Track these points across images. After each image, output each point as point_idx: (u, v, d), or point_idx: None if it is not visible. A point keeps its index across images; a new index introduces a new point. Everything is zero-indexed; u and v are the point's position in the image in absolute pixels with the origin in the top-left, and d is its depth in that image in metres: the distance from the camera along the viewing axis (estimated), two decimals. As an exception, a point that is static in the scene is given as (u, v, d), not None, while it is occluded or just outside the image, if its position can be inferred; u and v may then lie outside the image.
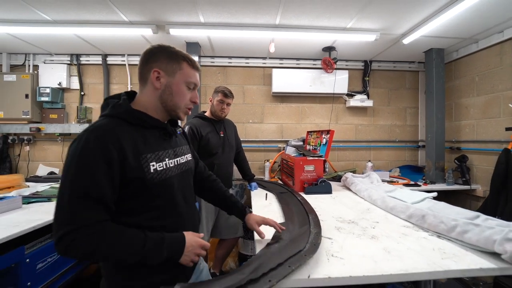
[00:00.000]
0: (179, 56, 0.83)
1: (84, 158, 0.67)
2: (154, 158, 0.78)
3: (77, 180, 0.65)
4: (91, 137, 0.69)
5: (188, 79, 0.84)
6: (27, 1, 1.81)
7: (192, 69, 0.86)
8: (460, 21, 2.08)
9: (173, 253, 0.75)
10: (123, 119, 0.76)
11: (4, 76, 2.70)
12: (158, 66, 0.81)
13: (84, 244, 0.64)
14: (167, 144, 0.87)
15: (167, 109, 0.84)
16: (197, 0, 1.83)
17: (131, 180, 0.72)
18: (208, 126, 1.91)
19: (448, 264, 0.89)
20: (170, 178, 0.82)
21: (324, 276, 0.81)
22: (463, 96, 2.74)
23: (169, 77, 0.82)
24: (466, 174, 2.52)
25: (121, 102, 0.79)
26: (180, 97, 0.84)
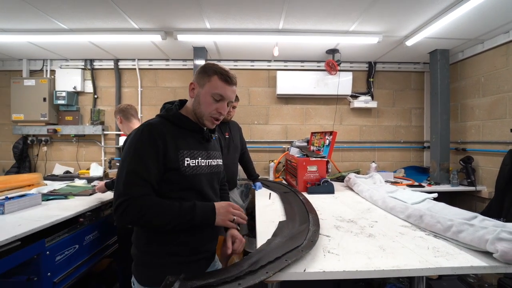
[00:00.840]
0: (211, 69, 0.93)
1: (137, 145, 0.85)
2: (189, 155, 0.92)
3: (132, 162, 0.83)
4: (144, 130, 0.87)
5: (213, 90, 0.92)
6: (46, 12, 1.95)
7: (222, 82, 0.93)
8: (465, 22, 2.08)
9: (206, 214, 0.87)
10: (170, 120, 0.93)
11: (24, 81, 2.87)
12: (195, 80, 0.96)
13: (134, 211, 0.79)
14: (203, 146, 1.00)
15: (197, 116, 0.96)
16: (203, 8, 1.91)
17: (169, 168, 0.87)
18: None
19: (440, 262, 0.93)
20: (200, 174, 0.95)
21: (319, 270, 0.87)
22: (469, 97, 2.72)
23: (199, 88, 0.94)
24: (472, 175, 2.51)
25: (173, 107, 0.98)
26: (205, 106, 0.93)
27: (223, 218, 0.90)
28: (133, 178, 0.82)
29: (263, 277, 0.74)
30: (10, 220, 1.46)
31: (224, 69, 0.94)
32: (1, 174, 3.02)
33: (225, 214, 0.91)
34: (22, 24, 2.13)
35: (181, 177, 0.89)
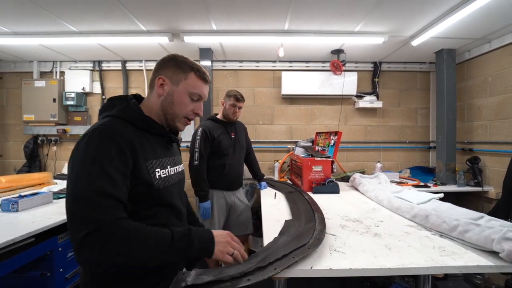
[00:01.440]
0: (187, 65, 0.82)
1: (98, 155, 0.65)
2: (159, 165, 0.79)
3: (94, 179, 0.62)
4: (104, 135, 0.68)
5: (192, 89, 0.82)
6: (58, 15, 2.00)
7: (200, 80, 0.84)
8: (472, 22, 2.07)
9: (204, 243, 0.72)
10: (131, 122, 0.76)
11: (35, 82, 2.94)
12: (165, 74, 0.81)
13: (110, 244, 0.59)
14: (169, 152, 0.87)
15: (166, 117, 0.83)
16: (209, 10, 1.94)
17: (139, 183, 0.71)
18: (220, 128, 2.01)
19: (446, 261, 0.94)
20: (171, 186, 0.83)
21: (325, 267, 0.89)
22: (476, 97, 2.70)
23: (172, 85, 0.81)
24: (478, 175, 2.49)
25: (132, 106, 0.79)
26: (180, 106, 0.82)
27: (222, 249, 0.75)
28: (101, 199, 0.61)
29: (272, 273, 0.76)
30: (23, 217, 1.51)
31: (200, 66, 0.85)
32: (13, 173, 3.10)
33: (224, 245, 0.75)
34: (35, 27, 2.19)
35: (154, 192, 0.75)
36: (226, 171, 1.99)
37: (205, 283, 0.68)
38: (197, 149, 1.90)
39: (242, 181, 2.21)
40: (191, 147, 1.96)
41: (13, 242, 1.19)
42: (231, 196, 2.05)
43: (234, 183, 2.08)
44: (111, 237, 0.60)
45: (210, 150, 1.95)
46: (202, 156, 1.90)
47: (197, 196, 1.92)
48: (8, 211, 1.59)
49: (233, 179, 2.07)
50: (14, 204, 1.60)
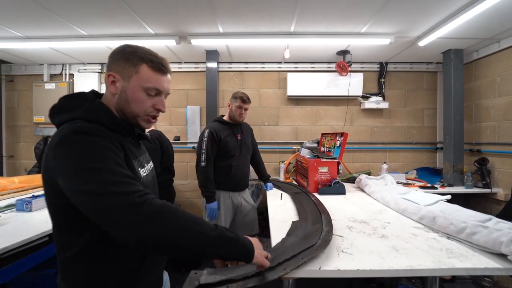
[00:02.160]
0: (136, 57, 0.71)
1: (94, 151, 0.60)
2: (139, 164, 0.76)
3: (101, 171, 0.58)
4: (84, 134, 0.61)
5: (145, 84, 0.72)
6: (69, 20, 2.06)
7: (154, 72, 0.72)
8: (480, 22, 2.05)
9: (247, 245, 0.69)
10: (104, 125, 0.68)
11: (45, 85, 3.01)
12: (115, 69, 0.72)
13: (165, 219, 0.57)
14: (141, 150, 0.85)
15: (126, 116, 0.75)
16: (216, 13, 1.97)
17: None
18: (226, 129, 2.03)
19: (453, 263, 0.94)
20: (149, 183, 0.81)
21: (333, 268, 0.90)
22: (484, 97, 2.67)
23: (124, 82, 0.71)
24: (487, 177, 2.46)
25: (99, 107, 0.71)
26: (137, 104, 0.73)
27: (261, 252, 0.73)
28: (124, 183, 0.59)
29: (281, 273, 0.78)
30: (37, 217, 1.55)
31: (153, 54, 0.74)
32: (24, 173, 3.18)
33: (261, 249, 0.74)
34: (46, 31, 2.25)
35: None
36: (232, 172, 2.01)
37: (217, 282, 0.70)
38: (204, 150, 1.93)
39: (248, 182, 2.23)
40: (198, 148, 1.99)
41: (29, 241, 1.23)
42: (237, 197, 2.07)
43: (240, 184, 2.10)
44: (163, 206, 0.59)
45: (217, 151, 1.97)
46: (208, 158, 1.93)
47: (204, 197, 1.94)
48: (22, 210, 1.64)
49: (240, 180, 2.09)
50: (28, 204, 1.65)
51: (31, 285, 1.45)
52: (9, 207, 1.70)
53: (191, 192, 3.16)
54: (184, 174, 3.15)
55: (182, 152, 3.13)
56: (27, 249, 1.25)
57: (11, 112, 3.23)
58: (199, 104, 3.15)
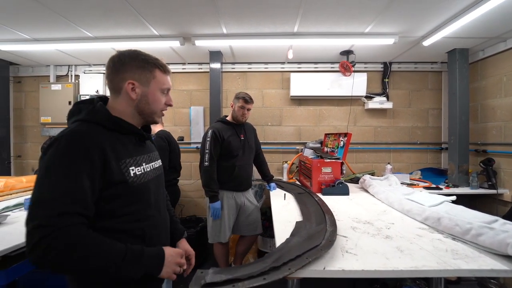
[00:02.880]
0: (150, 64, 0.83)
1: (64, 161, 0.65)
2: (133, 163, 0.80)
3: (56, 182, 0.63)
4: (71, 141, 0.68)
5: (162, 86, 0.86)
6: (75, 22, 2.09)
7: (164, 74, 0.86)
8: (486, 21, 2.03)
9: (152, 267, 0.73)
10: (100, 124, 0.76)
11: (52, 86, 3.06)
12: (132, 77, 0.80)
13: (62, 248, 0.59)
14: (143, 149, 0.88)
15: (144, 116, 0.86)
16: (220, 14, 1.98)
17: (112, 183, 0.72)
18: (229, 129, 2.05)
19: (459, 264, 0.94)
20: (148, 182, 0.84)
21: (338, 268, 0.91)
22: (490, 97, 2.64)
23: (144, 87, 0.82)
24: (493, 177, 2.44)
25: (98, 108, 0.78)
26: (157, 104, 0.86)
27: (169, 270, 0.76)
28: (59, 203, 0.62)
29: (286, 273, 0.78)
30: (45, 216, 1.58)
31: (158, 59, 0.86)
32: (31, 173, 3.23)
33: (172, 266, 0.77)
34: (53, 33, 2.28)
35: (130, 190, 0.76)
36: (235, 172, 2.02)
37: (223, 281, 0.71)
38: (207, 150, 1.94)
39: (251, 182, 2.23)
40: (201, 148, 2.01)
41: (37, 239, 1.25)
42: (240, 197, 2.08)
43: (243, 184, 2.11)
44: (64, 241, 0.60)
45: (220, 151, 1.98)
46: (212, 158, 1.94)
47: (208, 196, 1.96)
48: (30, 210, 1.67)
49: (243, 180, 2.09)
50: (36, 203, 1.68)
51: (39, 282, 1.48)
52: (17, 206, 1.73)
53: (195, 192, 3.18)
54: (188, 174, 3.17)
55: (186, 152, 3.15)
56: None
57: (18, 113, 3.28)
58: (202, 104, 3.17)
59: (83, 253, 0.62)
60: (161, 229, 0.89)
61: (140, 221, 0.79)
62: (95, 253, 0.63)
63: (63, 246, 0.59)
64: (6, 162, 3.11)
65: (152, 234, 0.81)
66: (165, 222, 0.93)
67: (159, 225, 0.88)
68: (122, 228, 0.75)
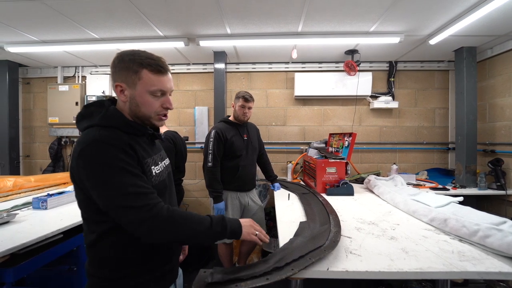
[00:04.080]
0: (135, 64, 0.76)
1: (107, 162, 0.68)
2: (153, 162, 0.83)
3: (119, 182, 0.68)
4: (101, 145, 0.69)
5: (150, 87, 0.78)
6: (81, 24, 2.12)
7: (155, 74, 0.78)
8: (494, 18, 1.99)
9: (234, 227, 0.82)
10: (119, 128, 0.76)
11: (59, 87, 3.11)
12: (120, 79, 0.78)
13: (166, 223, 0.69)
14: (155, 148, 0.91)
15: (140, 119, 0.82)
16: (224, 14, 1.99)
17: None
18: (232, 129, 2.04)
19: (466, 266, 0.93)
20: (164, 180, 0.88)
21: (342, 269, 0.90)
22: (498, 96, 2.59)
23: (131, 89, 0.78)
24: (501, 178, 2.39)
25: (113, 112, 0.78)
26: (147, 107, 0.80)
27: (248, 231, 0.85)
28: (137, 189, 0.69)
29: (289, 273, 0.78)
30: (52, 215, 1.61)
31: (150, 57, 0.78)
32: (39, 172, 3.29)
33: (249, 228, 0.86)
34: (60, 35, 2.33)
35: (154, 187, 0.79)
36: (239, 173, 2.02)
37: (226, 281, 0.71)
38: (211, 151, 1.95)
39: (255, 182, 2.23)
40: (204, 149, 2.01)
41: (44, 238, 1.28)
42: (244, 197, 2.08)
43: (247, 184, 2.11)
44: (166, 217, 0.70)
45: (223, 151, 1.98)
46: (215, 158, 1.94)
47: (212, 197, 1.96)
48: (38, 208, 1.71)
49: (247, 180, 2.09)
50: (44, 202, 1.71)
51: (46, 280, 1.51)
52: (25, 205, 1.77)
53: (199, 191, 3.20)
54: (192, 174, 3.19)
55: (191, 152, 3.17)
56: (43, 246, 1.30)
57: (27, 114, 3.35)
58: (207, 104, 3.19)
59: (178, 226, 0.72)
60: None
61: None
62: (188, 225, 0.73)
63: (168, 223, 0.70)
64: (15, 162, 3.18)
65: None
66: None
67: None
68: None
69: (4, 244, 1.13)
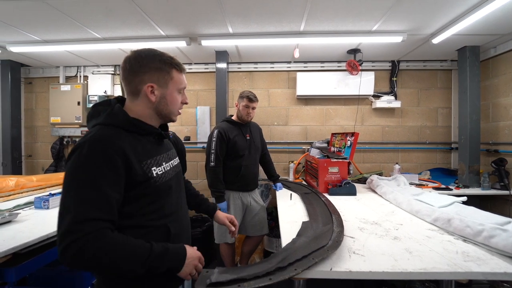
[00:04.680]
0: (167, 64, 0.82)
1: (87, 168, 0.67)
2: (154, 163, 0.81)
3: (83, 190, 0.65)
4: (95, 147, 0.69)
5: (179, 86, 0.86)
6: (83, 23, 2.12)
7: (181, 73, 0.86)
8: (498, 17, 1.98)
9: (174, 264, 0.76)
10: (120, 127, 0.77)
11: (61, 87, 3.12)
12: (150, 80, 0.80)
13: (90, 252, 0.62)
14: (162, 148, 0.89)
15: (162, 116, 0.86)
16: (226, 13, 1.98)
17: (136, 184, 0.74)
18: (235, 129, 2.04)
19: (470, 266, 0.91)
20: (169, 180, 0.86)
21: (345, 269, 0.89)
22: (502, 96, 2.57)
23: (162, 89, 0.82)
24: (505, 178, 2.37)
25: (117, 111, 0.79)
26: (175, 104, 0.86)
27: (187, 270, 0.78)
28: (86, 210, 0.64)
29: (292, 273, 0.77)
30: (54, 214, 1.58)
31: (173, 58, 0.84)
32: (41, 172, 3.30)
33: (190, 267, 0.79)
34: (62, 35, 2.33)
35: (153, 189, 0.79)
36: (242, 172, 2.02)
37: (228, 281, 0.70)
38: (213, 150, 1.94)
39: (257, 182, 2.22)
40: (207, 148, 2.01)
41: (46, 237, 1.27)
42: (247, 197, 2.08)
43: (250, 184, 2.10)
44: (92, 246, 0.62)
45: (226, 151, 1.98)
46: (218, 158, 1.94)
47: (214, 197, 1.96)
48: (40, 208, 1.71)
49: (249, 180, 2.09)
50: (46, 202, 1.71)
51: (48, 279, 1.51)
52: (27, 204, 1.77)
53: (201, 191, 3.14)
54: (194, 173, 3.19)
55: (192, 152, 3.17)
56: (45, 245, 1.29)
57: (29, 113, 3.36)
58: (209, 104, 3.18)
59: (110, 255, 0.65)
60: (183, 224, 0.93)
61: (165, 218, 0.83)
62: (121, 255, 0.66)
63: (91, 251, 0.62)
64: (18, 161, 3.19)
65: (175, 229, 0.85)
66: (185, 217, 0.97)
67: (181, 220, 0.92)
68: (149, 225, 0.79)
69: (6, 244, 1.13)
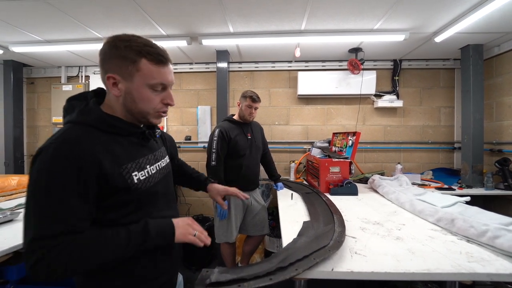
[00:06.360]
0: (133, 52, 0.65)
1: (51, 174, 0.58)
2: (136, 167, 0.70)
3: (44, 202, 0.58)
4: (59, 151, 0.59)
5: (150, 80, 0.67)
6: (84, 23, 2.13)
7: (155, 65, 0.67)
8: (502, 15, 1.95)
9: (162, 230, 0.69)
10: (93, 126, 0.66)
11: (63, 86, 3.13)
12: (112, 70, 0.67)
13: (62, 263, 0.57)
14: (146, 149, 0.78)
15: (135, 116, 0.72)
16: (226, 12, 1.97)
17: (113, 192, 0.65)
18: (236, 128, 2.03)
19: (474, 267, 0.90)
20: (154, 185, 0.76)
21: (346, 270, 0.88)
22: (506, 94, 2.54)
23: (126, 82, 0.67)
24: (509, 178, 2.34)
25: (91, 107, 0.68)
26: (145, 103, 0.69)
27: (184, 232, 0.71)
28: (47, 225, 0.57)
29: (293, 273, 0.76)
30: (55, 213, 1.61)
31: (149, 44, 0.68)
32: (43, 171, 3.31)
33: (186, 228, 0.72)
34: (64, 35, 2.34)
35: (135, 197, 0.69)
36: (243, 172, 2.01)
37: (228, 281, 0.70)
38: (214, 149, 1.94)
39: (258, 181, 2.21)
40: (208, 147, 2.00)
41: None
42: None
43: (251, 184, 2.09)
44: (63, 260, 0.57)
45: (227, 150, 1.97)
46: (219, 157, 1.93)
47: (215, 196, 1.95)
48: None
49: (250, 179, 2.08)
50: (47, 201, 1.71)
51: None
52: (29, 203, 1.77)
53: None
54: (195, 173, 3.18)
55: (193, 151, 3.17)
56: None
57: (31, 113, 3.38)
58: (209, 104, 3.18)
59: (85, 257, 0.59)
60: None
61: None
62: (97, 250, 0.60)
63: (63, 263, 0.57)
64: (20, 161, 3.20)
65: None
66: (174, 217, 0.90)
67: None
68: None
69: (8, 242, 1.14)
